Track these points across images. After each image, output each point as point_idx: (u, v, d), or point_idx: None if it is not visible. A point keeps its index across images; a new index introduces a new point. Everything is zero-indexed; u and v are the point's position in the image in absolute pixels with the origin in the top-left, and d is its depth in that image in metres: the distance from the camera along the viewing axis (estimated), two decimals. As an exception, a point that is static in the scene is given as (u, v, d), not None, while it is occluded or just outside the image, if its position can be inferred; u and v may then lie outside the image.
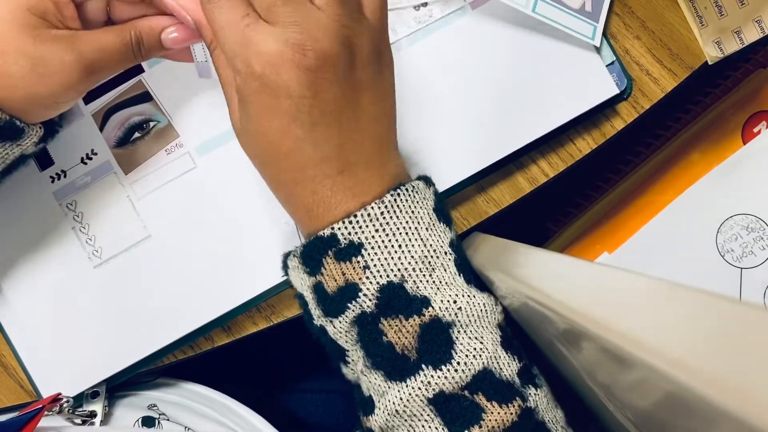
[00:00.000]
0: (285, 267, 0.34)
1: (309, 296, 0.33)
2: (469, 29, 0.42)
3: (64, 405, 0.38)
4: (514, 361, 0.32)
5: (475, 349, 0.31)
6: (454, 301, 0.31)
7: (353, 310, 0.31)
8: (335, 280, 0.31)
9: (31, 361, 0.41)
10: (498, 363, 0.31)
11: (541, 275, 0.32)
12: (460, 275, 0.32)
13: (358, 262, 0.31)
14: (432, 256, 0.32)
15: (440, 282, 0.32)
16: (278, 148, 0.31)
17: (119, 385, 0.42)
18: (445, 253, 0.32)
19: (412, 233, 0.31)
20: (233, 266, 0.41)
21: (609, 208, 0.52)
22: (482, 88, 0.42)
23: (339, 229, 0.31)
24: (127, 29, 0.35)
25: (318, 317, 0.33)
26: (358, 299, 0.31)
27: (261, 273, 0.40)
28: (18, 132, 0.34)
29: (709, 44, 0.43)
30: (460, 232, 0.43)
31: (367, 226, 0.31)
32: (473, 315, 0.32)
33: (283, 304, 0.42)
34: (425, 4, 0.42)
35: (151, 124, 0.42)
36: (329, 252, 0.31)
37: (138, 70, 0.42)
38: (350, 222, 0.31)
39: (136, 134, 0.42)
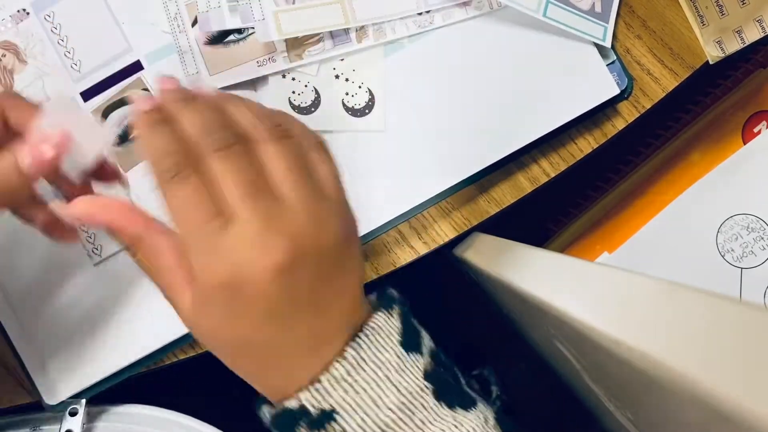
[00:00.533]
0: (258, 409, 0.32)
1: None
2: (470, 29, 0.42)
3: None
4: None
5: None
6: None
7: None
8: None
9: (31, 360, 0.41)
10: None
11: (541, 275, 0.32)
12: (441, 404, 0.31)
13: (334, 428, 0.29)
14: (409, 400, 0.30)
15: (423, 422, 0.30)
16: (248, 342, 0.30)
17: (95, 410, 0.42)
18: (421, 389, 0.30)
19: (383, 382, 0.30)
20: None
21: (609, 208, 0.52)
22: (483, 87, 0.42)
23: (307, 399, 0.29)
24: None
25: None
26: None
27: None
28: None
29: (710, 44, 0.43)
30: (461, 231, 0.43)
31: (335, 390, 0.29)
32: None
33: (283, 303, 0.42)
34: (428, 12, 0.42)
35: (151, 122, 0.42)
36: (301, 424, 0.29)
37: (137, 67, 0.42)
38: (317, 390, 0.29)
39: (136, 132, 0.42)
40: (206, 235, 0.27)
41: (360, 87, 0.42)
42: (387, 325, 0.31)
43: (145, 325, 0.41)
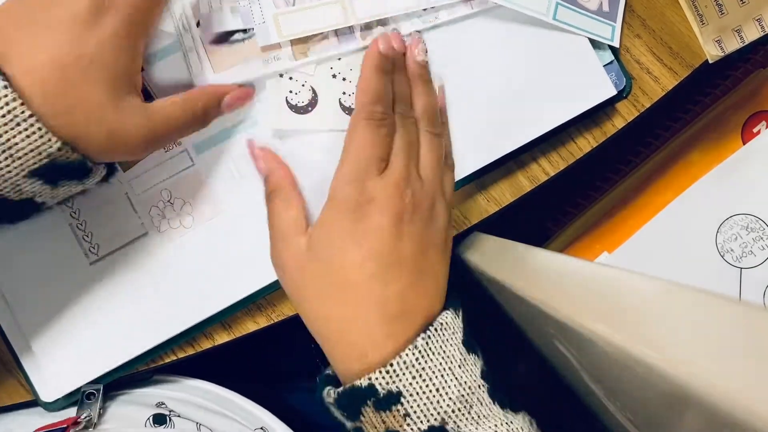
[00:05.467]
0: (320, 391, 0.34)
1: None
2: (469, 28, 0.42)
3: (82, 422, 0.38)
4: None
5: None
6: None
7: None
8: (375, 428, 0.32)
9: (27, 358, 0.41)
10: None
11: (540, 275, 0.32)
12: (495, 403, 0.33)
13: (398, 410, 0.31)
14: (468, 393, 0.32)
15: (479, 416, 0.32)
16: (349, 277, 0.33)
17: (118, 386, 0.42)
18: (479, 386, 0.33)
19: (447, 374, 0.32)
20: (232, 262, 0.41)
21: (609, 208, 0.52)
22: (481, 85, 0.42)
23: (377, 379, 0.31)
24: (194, 102, 0.36)
25: None
26: None
27: (260, 269, 0.40)
28: (87, 172, 0.34)
29: (709, 43, 0.43)
30: (461, 230, 0.43)
31: (404, 374, 0.31)
32: None
33: (284, 302, 0.42)
34: (433, 8, 0.41)
35: (150, 121, 0.42)
36: (368, 402, 0.31)
37: (137, 67, 0.42)
38: (387, 372, 0.31)
39: (135, 131, 0.42)
40: (367, 171, 0.35)
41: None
42: (454, 323, 0.34)
43: (141, 322, 0.41)
